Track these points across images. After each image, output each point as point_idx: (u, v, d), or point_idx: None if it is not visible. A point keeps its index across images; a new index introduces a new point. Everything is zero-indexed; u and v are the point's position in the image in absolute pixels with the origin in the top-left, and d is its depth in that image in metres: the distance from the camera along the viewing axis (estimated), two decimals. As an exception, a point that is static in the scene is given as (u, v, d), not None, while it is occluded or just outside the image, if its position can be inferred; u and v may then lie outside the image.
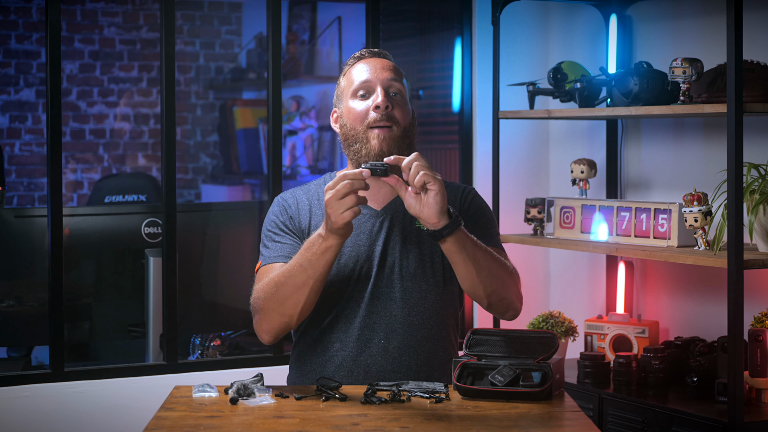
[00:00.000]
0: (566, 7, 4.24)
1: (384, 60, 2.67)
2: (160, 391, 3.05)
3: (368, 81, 2.62)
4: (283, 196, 2.72)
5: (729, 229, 2.99)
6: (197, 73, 6.67)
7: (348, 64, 2.69)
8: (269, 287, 2.54)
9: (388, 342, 2.58)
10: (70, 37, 6.40)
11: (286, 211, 2.67)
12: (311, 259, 2.46)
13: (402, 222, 2.63)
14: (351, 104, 2.62)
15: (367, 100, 2.61)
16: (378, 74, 2.62)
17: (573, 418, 2.29)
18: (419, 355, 2.59)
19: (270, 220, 2.69)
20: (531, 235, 3.89)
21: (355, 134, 2.61)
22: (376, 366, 2.57)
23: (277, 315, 2.53)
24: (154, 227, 3.74)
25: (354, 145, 2.61)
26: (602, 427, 3.42)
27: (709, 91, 3.24)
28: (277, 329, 2.56)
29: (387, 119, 2.58)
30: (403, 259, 2.60)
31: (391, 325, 2.58)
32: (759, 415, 3.09)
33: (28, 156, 6.43)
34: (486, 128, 4.20)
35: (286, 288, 2.50)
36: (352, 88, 2.63)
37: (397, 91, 2.62)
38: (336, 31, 6.08)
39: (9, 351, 3.92)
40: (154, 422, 2.23)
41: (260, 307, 2.56)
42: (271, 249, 2.64)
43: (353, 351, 2.58)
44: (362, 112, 2.60)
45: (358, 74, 2.64)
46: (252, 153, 6.41)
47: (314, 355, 2.62)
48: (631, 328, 3.73)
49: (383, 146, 2.58)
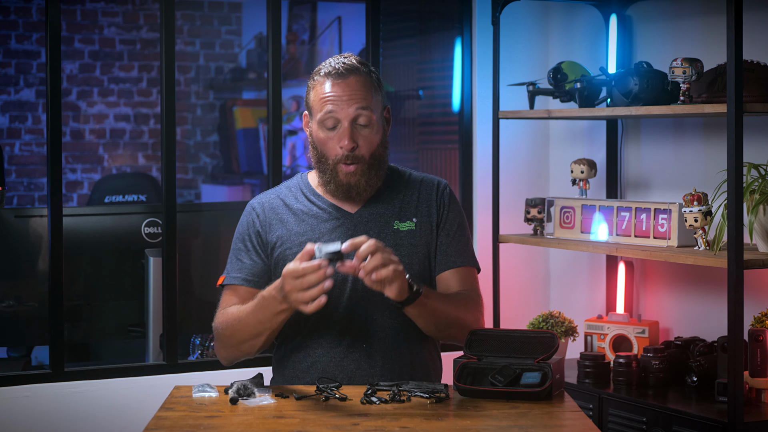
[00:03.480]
0: (566, 7, 4.24)
1: (352, 79, 2.57)
2: (160, 391, 3.05)
3: (334, 114, 2.56)
4: (253, 204, 2.69)
5: (729, 229, 2.99)
6: (197, 73, 6.67)
7: (315, 79, 2.62)
8: (229, 324, 2.56)
9: (370, 346, 2.57)
10: (70, 37, 6.40)
11: (254, 225, 2.66)
12: (268, 317, 2.48)
13: (378, 223, 2.62)
14: (319, 131, 2.59)
15: (334, 131, 2.57)
16: (344, 107, 2.55)
17: (573, 418, 2.29)
18: (402, 357, 2.59)
19: (238, 233, 2.69)
20: (531, 235, 3.89)
21: (324, 163, 2.59)
22: (359, 371, 2.56)
23: (234, 350, 2.59)
24: (154, 227, 3.74)
25: (324, 174, 2.60)
26: (602, 427, 3.42)
27: (709, 91, 3.24)
28: (234, 359, 2.63)
29: (353, 159, 2.56)
30: None
31: (372, 329, 2.58)
32: (759, 415, 3.09)
33: (28, 156, 6.43)
34: (486, 128, 4.19)
35: (243, 334, 2.54)
36: (319, 117, 2.58)
37: (366, 121, 2.56)
38: (336, 31, 6.08)
39: (9, 351, 3.92)
40: (154, 422, 2.23)
41: (219, 336, 2.60)
42: (234, 265, 2.65)
43: (336, 356, 2.57)
44: (331, 145, 2.57)
45: (324, 101, 2.57)
46: (252, 153, 6.41)
47: (297, 361, 2.61)
48: (631, 328, 3.73)
49: (351, 180, 2.58)
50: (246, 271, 2.62)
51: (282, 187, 2.72)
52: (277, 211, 2.65)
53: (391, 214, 2.64)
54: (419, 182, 2.70)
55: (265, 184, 4.04)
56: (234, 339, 2.55)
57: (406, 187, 2.68)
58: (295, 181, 2.72)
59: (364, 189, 2.59)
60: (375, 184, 2.61)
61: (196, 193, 6.70)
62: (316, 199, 2.66)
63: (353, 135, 2.55)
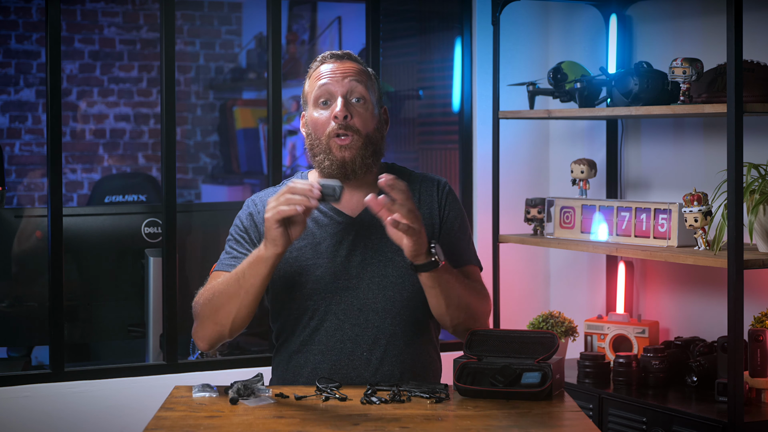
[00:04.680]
0: (566, 7, 4.24)
1: (348, 62, 2.60)
2: (160, 391, 3.05)
3: (328, 88, 2.57)
4: (254, 199, 2.69)
5: (729, 229, 2.99)
6: (197, 73, 6.67)
7: (311, 68, 2.64)
8: (208, 294, 2.55)
9: (371, 353, 2.56)
10: (70, 37, 6.40)
11: (253, 218, 2.64)
12: (245, 270, 2.47)
13: (380, 227, 2.55)
14: (314, 113, 2.59)
15: (327, 108, 2.57)
16: (338, 80, 2.57)
17: (573, 418, 2.29)
18: (403, 363, 2.57)
19: (234, 225, 2.67)
20: (531, 235, 3.89)
21: (318, 144, 2.58)
22: (359, 379, 2.54)
23: (210, 323, 2.54)
24: (154, 227, 3.74)
25: (318, 156, 2.58)
26: (602, 427, 3.42)
27: (709, 91, 3.24)
28: (210, 337, 2.56)
29: (346, 128, 2.54)
30: (384, 268, 2.58)
31: (374, 336, 2.56)
32: (759, 415, 3.09)
33: (28, 156, 6.43)
34: (486, 128, 4.19)
35: (221, 297, 2.51)
36: (314, 95, 2.59)
37: (360, 96, 2.57)
38: (336, 31, 6.08)
39: (9, 351, 3.92)
40: (154, 422, 2.23)
41: (197, 312, 2.57)
42: (226, 255, 2.64)
43: (336, 363, 2.56)
44: (323, 121, 2.57)
45: (319, 80, 2.59)
46: (252, 153, 6.41)
47: (297, 366, 2.59)
48: (631, 328, 3.73)
49: (345, 155, 2.55)
50: (238, 261, 2.59)
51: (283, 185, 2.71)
52: None
53: None
54: (419, 181, 2.68)
55: (265, 184, 4.05)
56: (211, 305, 2.52)
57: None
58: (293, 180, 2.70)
59: (360, 167, 2.56)
60: (369, 166, 2.57)
61: (196, 193, 6.70)
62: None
63: (347, 106, 2.55)
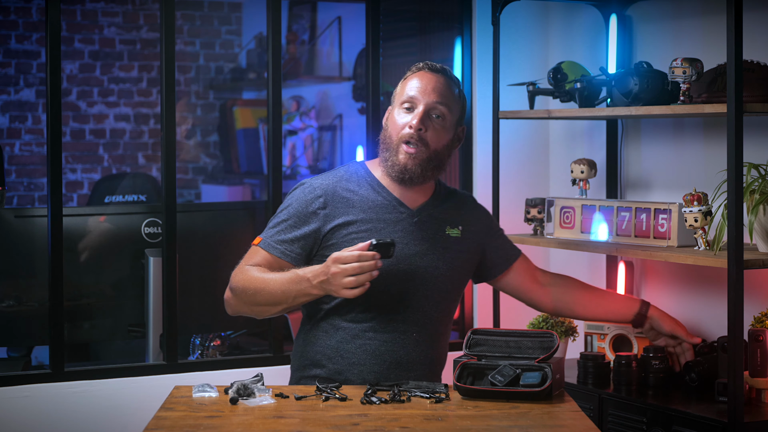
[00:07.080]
0: (566, 7, 4.24)
1: (439, 78, 2.77)
2: (160, 391, 3.05)
3: (414, 98, 2.73)
4: (315, 185, 2.77)
5: (729, 229, 2.99)
6: (197, 73, 6.67)
7: (409, 71, 2.81)
8: (249, 282, 2.65)
9: (420, 335, 2.71)
10: (70, 37, 6.40)
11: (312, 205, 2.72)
12: (293, 295, 2.60)
13: (435, 224, 2.79)
14: (396, 114, 2.76)
15: (409, 114, 2.73)
16: (426, 93, 2.73)
17: (573, 418, 2.29)
18: (439, 348, 2.76)
19: (293, 207, 2.75)
20: (531, 235, 3.88)
21: (390, 143, 2.74)
22: (407, 357, 2.69)
23: (246, 308, 2.70)
24: (154, 227, 3.74)
25: (386, 152, 2.75)
26: (602, 427, 3.42)
27: (709, 91, 3.23)
28: (241, 314, 2.73)
29: (418, 139, 2.71)
30: (437, 260, 2.76)
31: (422, 320, 2.72)
32: (759, 415, 3.09)
33: (28, 156, 6.43)
34: (486, 128, 4.20)
35: (261, 297, 2.64)
36: (401, 99, 2.76)
37: (441, 114, 2.73)
38: (336, 31, 6.08)
39: (9, 351, 3.92)
40: (154, 422, 2.23)
41: (234, 288, 2.69)
42: (277, 235, 2.72)
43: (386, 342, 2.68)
44: (401, 125, 2.73)
45: (409, 87, 2.76)
46: (252, 153, 6.41)
47: (344, 341, 2.69)
48: (631, 328, 3.72)
49: (408, 163, 2.71)
50: (286, 246, 2.71)
51: (340, 173, 2.82)
52: (342, 197, 2.75)
53: (443, 219, 2.82)
54: (454, 194, 2.90)
55: (265, 184, 4.04)
56: (251, 299, 2.65)
57: (446, 197, 2.87)
58: (353, 170, 2.83)
59: (418, 177, 2.73)
60: (428, 178, 2.76)
61: (196, 193, 6.70)
62: (381, 189, 2.77)
63: (424, 119, 2.72)
